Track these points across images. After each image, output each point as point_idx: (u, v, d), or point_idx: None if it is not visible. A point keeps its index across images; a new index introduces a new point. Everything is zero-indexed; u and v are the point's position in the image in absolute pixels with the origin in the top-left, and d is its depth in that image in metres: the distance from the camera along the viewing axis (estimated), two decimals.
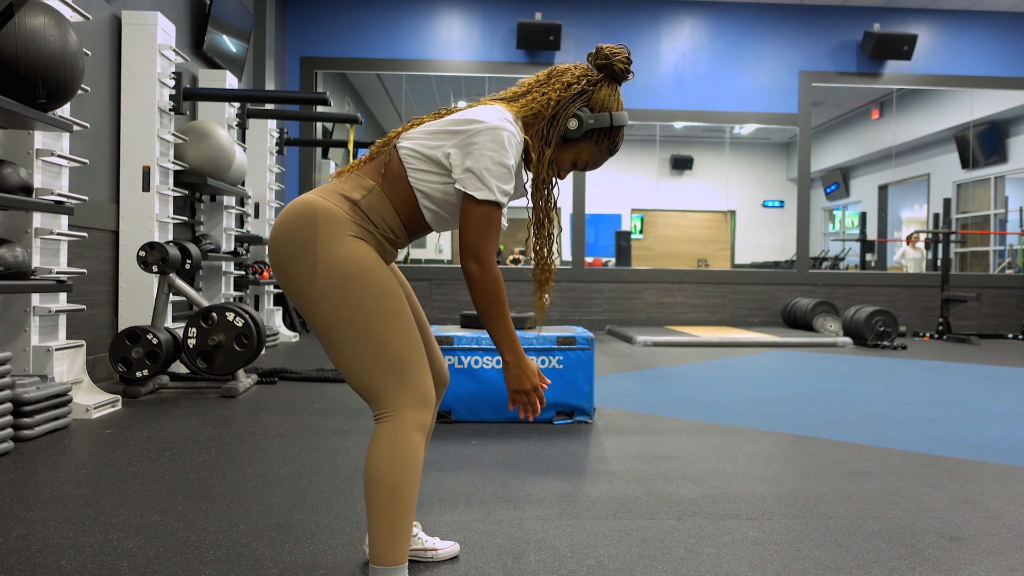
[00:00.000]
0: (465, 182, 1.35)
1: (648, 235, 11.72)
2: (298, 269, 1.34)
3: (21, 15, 2.66)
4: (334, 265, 1.32)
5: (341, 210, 1.36)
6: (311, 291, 1.33)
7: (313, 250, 1.32)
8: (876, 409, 3.59)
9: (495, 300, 1.38)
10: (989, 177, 10.00)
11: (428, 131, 1.40)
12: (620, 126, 1.48)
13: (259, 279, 5.98)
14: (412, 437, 1.33)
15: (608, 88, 1.47)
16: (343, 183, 1.41)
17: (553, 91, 1.44)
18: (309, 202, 1.36)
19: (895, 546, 1.78)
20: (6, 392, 2.59)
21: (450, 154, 1.37)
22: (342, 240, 1.33)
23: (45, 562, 1.61)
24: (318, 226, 1.33)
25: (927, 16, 8.38)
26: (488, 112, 1.38)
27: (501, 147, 1.35)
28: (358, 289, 1.32)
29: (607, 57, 1.46)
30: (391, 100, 10.28)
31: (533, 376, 1.43)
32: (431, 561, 1.64)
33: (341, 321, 1.32)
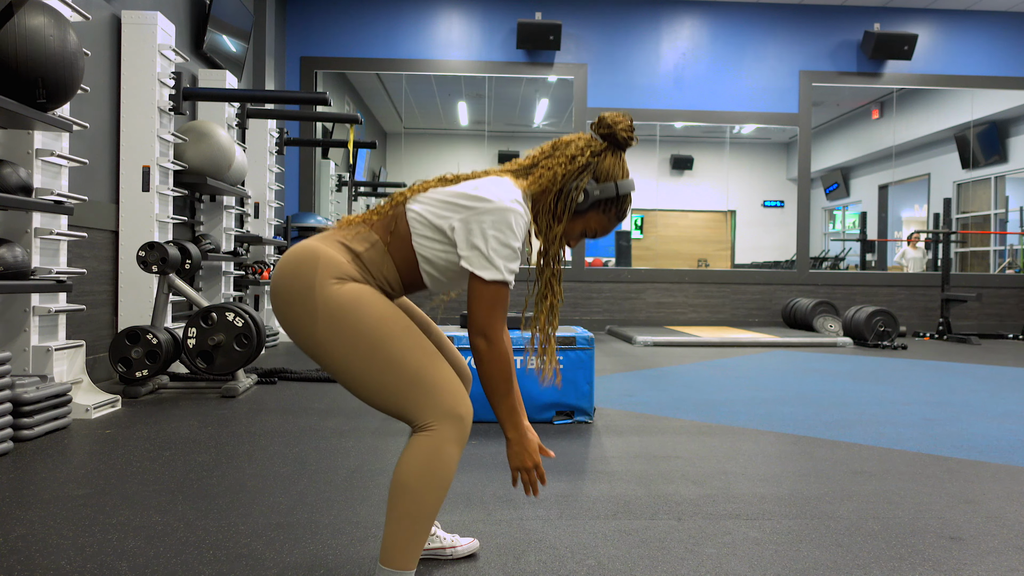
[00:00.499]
0: (472, 260, 1.35)
1: (648, 235, 11.71)
2: (299, 314, 1.34)
3: (21, 15, 2.66)
4: (333, 303, 1.32)
5: (342, 258, 1.36)
6: (315, 333, 1.33)
7: (312, 295, 1.33)
8: (876, 409, 3.59)
9: (502, 378, 1.39)
10: (989, 177, 9.99)
11: (437, 199, 1.41)
12: (627, 194, 1.49)
13: (259, 279, 5.98)
14: (449, 450, 1.32)
15: (612, 157, 1.48)
16: (347, 233, 1.42)
17: (559, 165, 1.46)
18: (311, 248, 1.37)
19: (895, 546, 1.78)
20: (6, 392, 2.59)
21: (455, 228, 1.37)
22: (340, 283, 1.34)
23: (45, 562, 1.61)
24: (317, 271, 1.34)
25: (927, 16, 8.37)
26: (498, 190, 1.38)
27: (508, 229, 1.35)
28: (358, 316, 1.32)
29: (609, 126, 1.47)
30: (391, 100, 10.27)
31: (535, 453, 1.44)
32: (450, 558, 1.65)
33: (351, 353, 1.32)
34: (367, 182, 10.33)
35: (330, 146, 8.21)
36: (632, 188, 1.49)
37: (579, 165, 1.45)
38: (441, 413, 1.32)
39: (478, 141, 11.19)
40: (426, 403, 1.32)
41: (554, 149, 1.50)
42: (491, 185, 1.40)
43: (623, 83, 8.26)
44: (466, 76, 8.64)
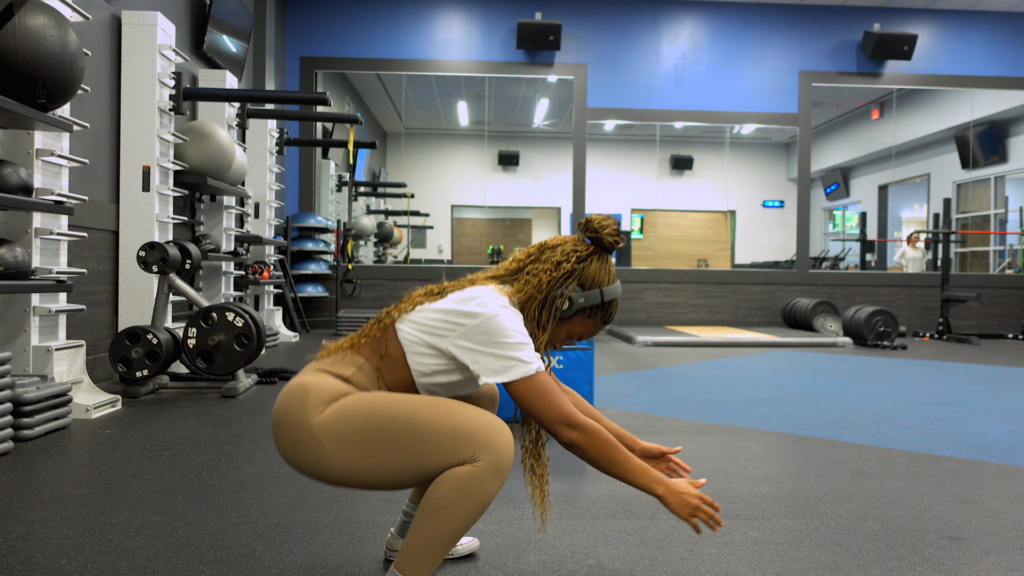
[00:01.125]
0: (495, 372, 1.32)
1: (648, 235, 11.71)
2: (307, 450, 1.30)
3: (21, 15, 2.66)
4: (331, 425, 1.29)
5: (330, 383, 1.34)
6: (330, 461, 1.29)
7: (310, 426, 1.29)
8: (876, 409, 3.59)
9: (611, 453, 1.33)
10: (989, 177, 9.99)
11: (429, 318, 1.38)
12: (612, 300, 1.48)
13: (259, 279, 5.98)
14: (488, 484, 1.27)
15: (598, 261, 1.47)
16: (333, 360, 1.40)
17: (544, 272, 1.44)
18: (298, 384, 1.35)
19: (895, 546, 1.78)
20: (6, 392, 2.59)
21: (460, 348, 1.34)
22: (331, 404, 1.32)
23: (45, 562, 1.61)
24: (308, 402, 1.31)
25: (927, 16, 8.38)
26: (485, 300, 1.37)
27: (508, 328, 1.33)
28: (358, 416, 1.29)
29: (596, 231, 1.46)
30: (391, 100, 10.28)
31: (691, 491, 1.35)
32: (451, 557, 1.65)
33: (372, 457, 1.28)
34: (367, 182, 10.35)
35: (330, 146, 8.21)
36: (618, 294, 1.48)
37: (564, 272, 1.44)
38: (480, 447, 1.27)
39: (478, 141, 11.19)
40: (461, 446, 1.27)
41: (540, 252, 1.48)
42: (479, 296, 1.38)
43: (623, 83, 8.27)
44: (466, 76, 8.64)
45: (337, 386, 1.34)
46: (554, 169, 11.14)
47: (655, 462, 1.56)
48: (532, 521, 1.91)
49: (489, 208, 11.66)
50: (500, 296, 1.40)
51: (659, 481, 1.35)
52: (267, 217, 6.37)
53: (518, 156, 11.55)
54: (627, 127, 10.53)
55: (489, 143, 11.05)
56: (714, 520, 1.34)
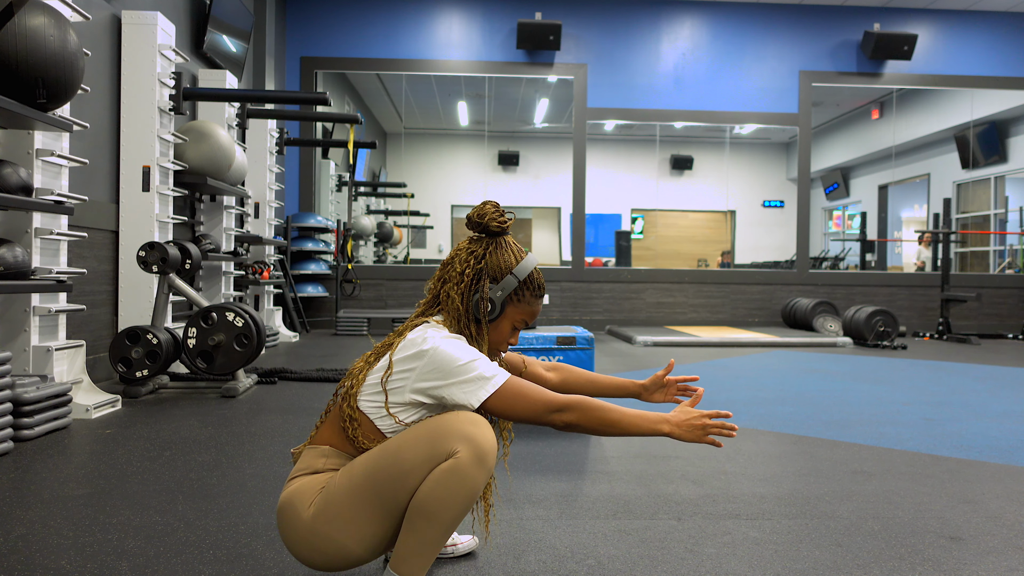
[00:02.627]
0: (463, 395, 1.32)
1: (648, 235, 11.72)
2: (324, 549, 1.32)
3: (21, 15, 2.66)
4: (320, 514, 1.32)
5: (308, 484, 1.36)
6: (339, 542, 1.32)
7: (311, 528, 1.32)
8: (876, 409, 3.59)
9: (604, 416, 1.34)
10: (989, 177, 9.99)
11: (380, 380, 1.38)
12: (528, 276, 1.46)
13: (259, 279, 5.98)
14: (472, 474, 1.27)
15: (496, 249, 1.46)
16: (301, 465, 1.42)
17: (453, 289, 1.44)
18: (283, 500, 1.37)
19: (895, 546, 1.78)
20: (6, 392, 2.59)
21: (421, 389, 1.34)
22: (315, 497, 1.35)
23: (45, 562, 1.61)
24: (298, 511, 1.34)
25: (927, 16, 8.38)
26: (423, 338, 1.36)
27: (453, 355, 1.33)
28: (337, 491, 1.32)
29: (478, 221, 1.46)
30: (391, 100, 10.28)
31: (693, 415, 1.36)
32: (452, 556, 1.66)
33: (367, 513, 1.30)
34: (367, 182, 10.35)
35: (330, 146, 8.21)
36: (532, 265, 1.46)
37: (469, 277, 1.43)
38: (457, 439, 1.27)
39: (478, 141, 11.19)
40: (442, 445, 1.27)
41: (444, 272, 1.48)
42: (415, 338, 1.37)
43: (623, 83, 8.27)
44: (466, 76, 8.64)
45: (313, 481, 1.37)
46: (554, 169, 11.14)
47: (662, 391, 1.60)
48: (532, 521, 1.91)
49: None
50: (436, 329, 1.40)
51: (660, 420, 1.35)
52: (267, 217, 6.37)
53: (518, 156, 11.55)
54: (627, 127, 10.53)
55: (489, 143, 11.05)
56: (727, 429, 1.34)
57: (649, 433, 1.35)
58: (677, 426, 1.35)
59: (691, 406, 1.39)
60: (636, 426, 1.34)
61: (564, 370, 1.68)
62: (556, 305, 8.14)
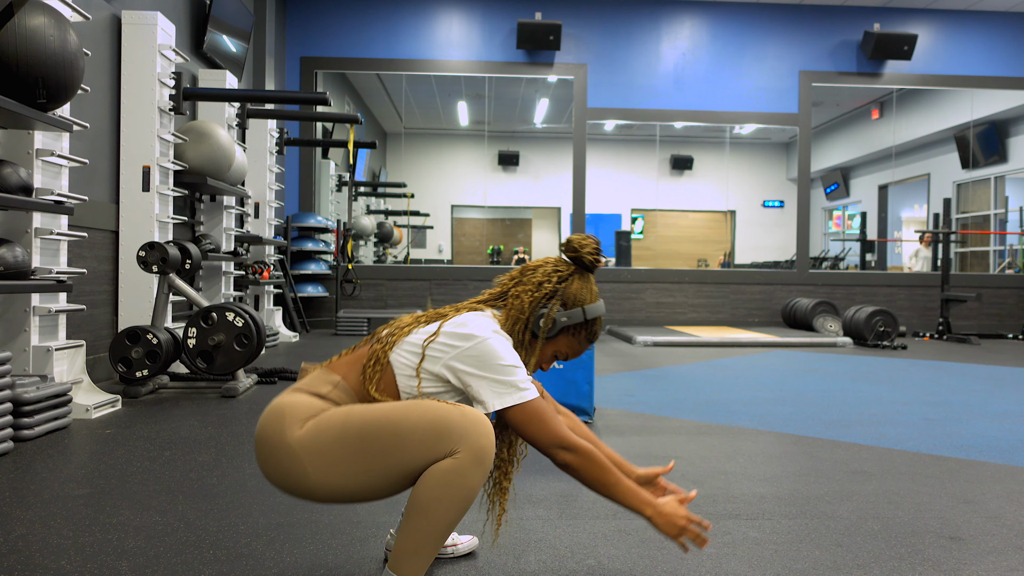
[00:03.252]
0: (491, 394, 1.34)
1: (648, 235, 11.72)
2: (287, 468, 1.31)
3: (21, 15, 2.66)
4: (308, 441, 1.30)
5: (306, 401, 1.35)
6: (309, 477, 1.30)
7: (287, 444, 1.30)
8: (876, 409, 3.59)
9: (603, 473, 1.37)
10: (989, 177, 9.99)
11: (422, 342, 1.39)
12: (595, 318, 1.49)
13: (259, 279, 5.98)
14: (472, 475, 1.27)
15: (580, 280, 1.49)
16: (309, 382, 1.41)
17: (526, 293, 1.46)
18: (274, 405, 1.36)
19: (895, 546, 1.78)
20: (6, 392, 2.59)
21: (455, 368, 1.36)
22: (306, 422, 1.32)
23: (45, 562, 1.61)
24: (284, 421, 1.32)
25: (927, 16, 8.38)
26: (476, 324, 1.39)
27: (502, 352, 1.36)
28: (333, 429, 1.30)
29: (576, 249, 1.49)
30: (391, 100, 10.28)
31: (679, 512, 1.38)
32: (451, 556, 1.66)
33: (351, 463, 1.29)
34: (367, 182, 10.35)
35: (330, 146, 8.21)
36: (601, 312, 1.50)
37: (546, 292, 1.46)
38: (459, 439, 1.27)
39: (478, 141, 11.19)
40: (440, 440, 1.28)
41: (522, 275, 1.50)
42: (469, 322, 1.40)
43: (623, 83, 8.27)
44: (466, 76, 8.64)
45: (313, 403, 1.35)
46: (554, 169, 11.14)
47: (651, 487, 1.57)
48: (532, 521, 1.91)
49: (489, 208, 11.66)
50: (490, 321, 1.43)
51: (648, 503, 1.38)
52: (267, 217, 6.37)
53: (518, 156, 11.55)
54: (627, 127, 10.53)
55: (489, 143, 11.05)
56: (700, 539, 1.38)
57: (632, 508, 1.38)
58: (660, 515, 1.38)
59: (681, 503, 1.42)
60: (625, 497, 1.38)
61: (572, 419, 1.64)
62: None
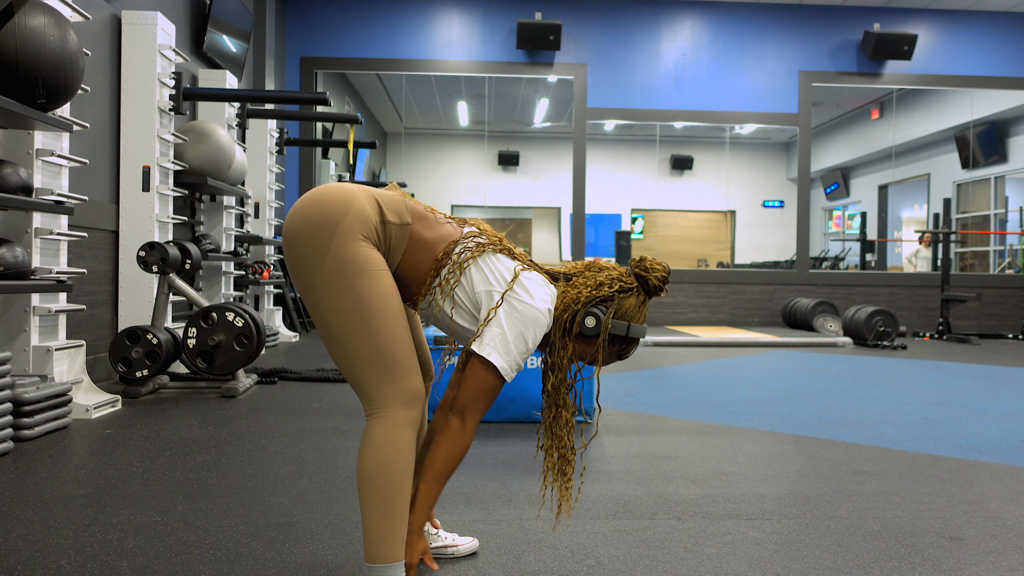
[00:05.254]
0: (488, 341, 1.39)
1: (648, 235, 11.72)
2: (309, 253, 1.34)
3: (21, 15, 2.66)
4: (344, 257, 1.33)
5: (374, 218, 1.37)
6: (315, 277, 1.34)
7: (330, 240, 1.33)
8: (876, 409, 3.59)
9: (448, 462, 1.43)
10: (989, 177, 9.99)
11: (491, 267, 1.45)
12: (635, 338, 1.51)
13: (259, 279, 5.98)
14: (403, 434, 1.34)
15: (636, 299, 1.51)
16: (388, 198, 1.42)
17: (585, 287, 1.49)
18: (348, 193, 1.37)
19: (895, 546, 1.78)
20: (6, 392, 2.59)
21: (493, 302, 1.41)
22: (358, 242, 1.34)
23: (45, 562, 1.61)
24: (344, 219, 1.34)
25: (927, 16, 8.38)
26: (541, 292, 1.45)
27: (534, 331, 1.41)
28: (363, 284, 1.33)
29: (646, 271, 1.50)
30: (391, 100, 10.28)
31: (416, 555, 1.47)
32: (451, 557, 1.66)
33: (341, 311, 1.34)
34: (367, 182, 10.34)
35: (330, 146, 8.21)
36: (643, 335, 1.52)
37: (603, 294, 1.48)
38: (394, 401, 1.34)
39: (478, 141, 11.19)
40: (387, 388, 1.34)
41: (587, 268, 1.54)
42: (539, 284, 1.46)
43: (623, 83, 8.27)
44: (466, 76, 8.64)
45: (375, 225, 1.37)
46: (554, 169, 11.14)
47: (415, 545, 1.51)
48: (532, 521, 1.91)
49: (489, 208, 11.66)
50: (551, 298, 1.47)
51: (422, 521, 1.47)
52: (267, 217, 6.37)
53: (518, 156, 11.55)
54: (627, 127, 10.53)
55: (489, 143, 11.05)
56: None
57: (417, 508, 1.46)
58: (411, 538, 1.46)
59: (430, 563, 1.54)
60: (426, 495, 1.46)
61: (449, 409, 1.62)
62: None
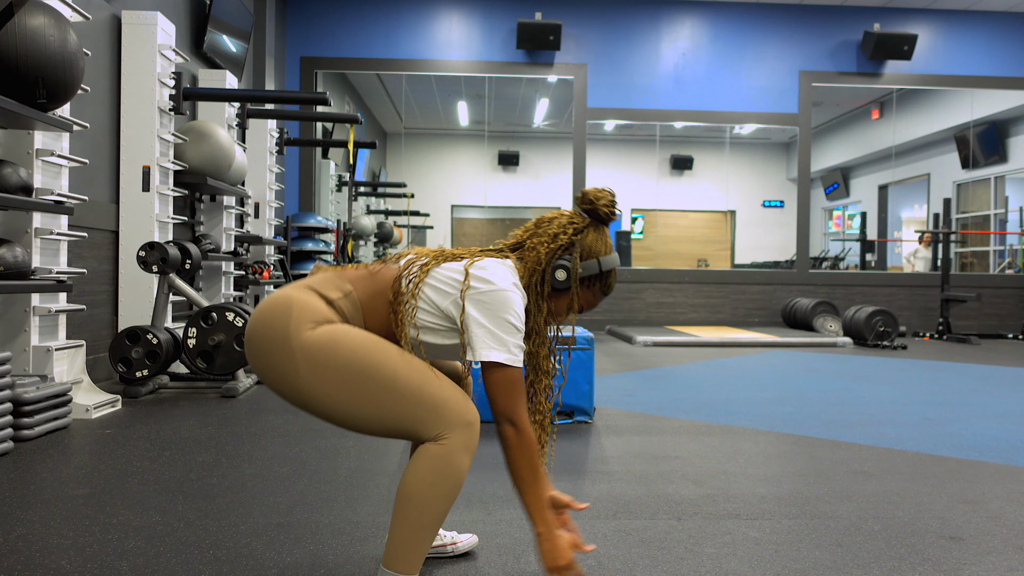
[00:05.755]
0: (482, 343, 1.34)
1: (648, 235, 11.72)
2: (279, 365, 1.30)
3: (21, 15, 2.66)
4: (311, 347, 1.29)
5: (316, 303, 1.34)
6: (299, 382, 1.29)
7: (288, 342, 1.29)
8: (876, 409, 3.59)
9: (530, 466, 1.36)
10: (989, 177, 9.99)
11: (440, 274, 1.40)
12: (610, 270, 1.49)
13: (259, 279, 5.98)
14: (460, 460, 1.29)
15: (595, 232, 1.49)
16: (319, 280, 1.40)
17: (541, 244, 1.46)
18: (283, 296, 1.35)
19: (895, 546, 1.78)
20: (6, 392, 2.59)
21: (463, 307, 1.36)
22: (315, 329, 1.31)
23: (45, 562, 1.61)
24: (291, 318, 1.31)
25: (927, 16, 8.38)
26: (500, 272, 1.39)
27: (513, 310, 1.36)
28: (340, 353, 1.29)
29: (591, 201, 1.48)
30: (391, 100, 10.28)
31: (567, 551, 1.36)
32: (451, 555, 1.66)
33: (342, 392, 1.29)
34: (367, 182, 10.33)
35: (330, 146, 8.20)
36: (615, 264, 1.50)
37: (561, 243, 1.46)
38: (449, 423, 1.29)
39: (478, 141, 11.19)
40: (431, 417, 1.29)
41: (537, 227, 1.50)
42: (493, 267, 1.40)
43: (623, 83, 8.27)
44: (466, 76, 8.64)
45: (321, 308, 1.34)
46: (554, 169, 11.14)
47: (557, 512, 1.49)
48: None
49: (489, 208, 11.66)
50: (510, 272, 1.42)
51: (547, 521, 1.36)
52: (267, 217, 6.37)
53: (518, 156, 11.55)
54: (627, 127, 10.53)
55: (489, 143, 11.05)
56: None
57: (532, 515, 1.36)
58: (549, 541, 1.35)
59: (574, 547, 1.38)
60: (535, 500, 1.36)
61: None
62: None
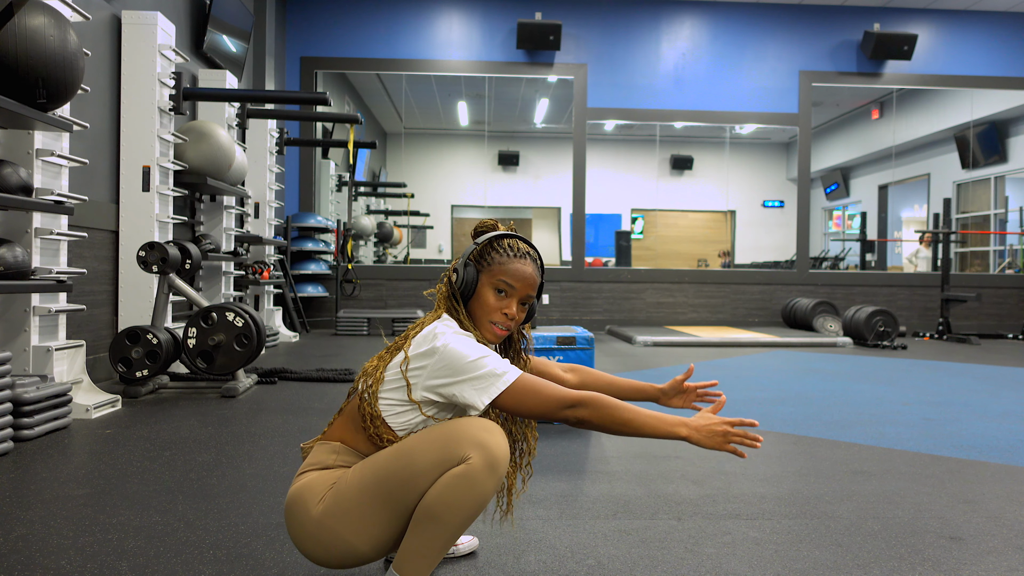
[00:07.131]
0: (483, 394, 1.31)
1: (648, 235, 11.72)
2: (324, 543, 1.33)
3: (21, 15, 2.66)
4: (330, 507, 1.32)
5: (317, 480, 1.36)
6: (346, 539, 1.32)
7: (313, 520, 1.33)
8: (876, 409, 3.59)
9: (617, 416, 1.31)
10: (989, 177, 9.99)
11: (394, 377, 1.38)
12: (488, 237, 1.46)
13: (259, 279, 5.98)
14: (483, 480, 1.26)
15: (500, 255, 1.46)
16: (312, 459, 1.42)
17: (441, 281, 1.48)
18: (293, 493, 1.37)
19: (895, 546, 1.78)
20: (6, 392, 2.59)
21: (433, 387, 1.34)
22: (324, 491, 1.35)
23: (45, 562, 1.61)
24: (307, 505, 1.34)
25: (927, 16, 8.38)
26: (434, 333, 1.37)
27: (463, 352, 1.32)
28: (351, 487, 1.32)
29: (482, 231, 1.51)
30: (391, 100, 10.28)
31: (714, 421, 1.31)
32: (452, 556, 1.66)
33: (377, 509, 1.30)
34: (367, 182, 10.35)
35: (330, 146, 8.21)
36: (492, 230, 1.49)
37: (453, 267, 1.46)
38: (472, 446, 1.26)
39: (478, 141, 11.19)
40: (454, 449, 1.27)
41: (441, 278, 1.52)
42: (427, 334, 1.38)
43: (623, 83, 8.27)
44: (466, 76, 8.64)
45: (323, 477, 1.37)
46: (554, 169, 11.14)
47: (681, 396, 1.57)
48: (532, 521, 1.91)
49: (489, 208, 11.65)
50: (445, 324, 1.40)
51: (678, 423, 1.31)
52: (267, 217, 6.37)
53: (518, 156, 11.55)
54: (627, 127, 10.53)
55: (489, 143, 11.05)
56: (750, 438, 1.29)
57: (665, 436, 1.31)
58: (697, 430, 1.30)
59: (713, 412, 1.34)
60: (651, 427, 1.31)
61: (582, 372, 1.66)
62: (556, 305, 8.14)
